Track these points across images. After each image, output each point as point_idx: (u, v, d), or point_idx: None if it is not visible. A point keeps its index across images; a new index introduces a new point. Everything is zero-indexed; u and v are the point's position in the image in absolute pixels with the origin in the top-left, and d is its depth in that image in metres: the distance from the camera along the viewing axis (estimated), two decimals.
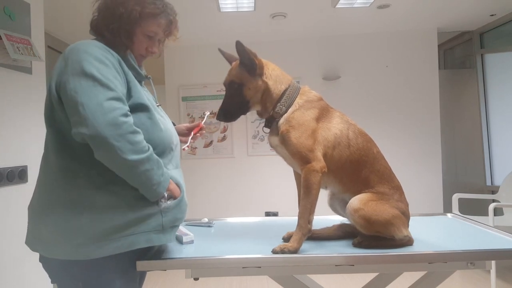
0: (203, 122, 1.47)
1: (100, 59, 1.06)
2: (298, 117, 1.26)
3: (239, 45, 1.24)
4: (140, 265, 1.14)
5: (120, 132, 0.99)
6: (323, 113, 1.30)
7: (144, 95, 1.18)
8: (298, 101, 1.29)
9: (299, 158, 1.24)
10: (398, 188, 1.32)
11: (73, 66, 1.04)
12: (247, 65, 1.27)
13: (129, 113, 1.05)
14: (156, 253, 1.20)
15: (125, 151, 1.00)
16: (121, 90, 1.06)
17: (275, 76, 1.30)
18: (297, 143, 1.23)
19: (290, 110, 1.28)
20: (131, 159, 1.02)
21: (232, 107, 1.30)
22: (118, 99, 1.02)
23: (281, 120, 1.28)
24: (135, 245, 1.08)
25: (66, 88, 1.03)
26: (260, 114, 1.35)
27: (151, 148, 1.08)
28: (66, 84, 1.03)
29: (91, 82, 1.01)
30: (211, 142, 4.26)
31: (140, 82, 1.23)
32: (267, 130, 1.34)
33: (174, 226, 1.17)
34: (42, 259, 1.14)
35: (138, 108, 1.12)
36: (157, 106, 1.28)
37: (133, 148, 1.02)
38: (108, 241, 1.05)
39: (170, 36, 1.28)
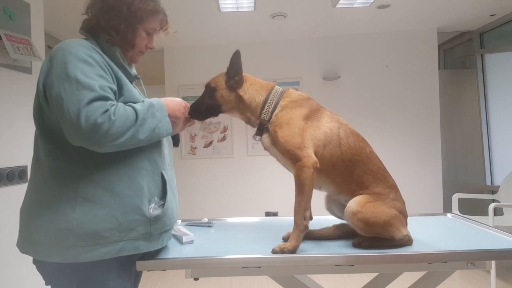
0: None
1: (84, 59, 1.05)
2: (282, 116, 1.29)
3: (236, 55, 1.29)
4: (140, 265, 1.14)
5: (105, 130, 0.99)
6: (312, 112, 1.31)
7: (137, 93, 1.19)
8: (281, 103, 1.32)
9: (289, 157, 1.24)
10: (393, 187, 1.32)
11: (58, 68, 1.04)
12: (230, 76, 1.31)
13: (109, 106, 1.02)
14: (155, 253, 1.20)
15: (119, 137, 1.02)
16: (107, 85, 1.06)
17: (252, 90, 1.34)
18: (284, 141, 1.24)
19: (274, 113, 1.31)
20: (127, 136, 1.03)
21: (202, 106, 1.34)
22: (99, 98, 1.01)
23: (269, 124, 1.31)
24: (124, 252, 1.09)
25: (51, 92, 1.03)
26: (248, 123, 1.38)
27: (134, 110, 1.07)
28: (51, 88, 1.03)
29: (74, 86, 1.00)
30: (211, 142, 4.26)
31: (130, 82, 1.23)
32: (257, 137, 1.36)
33: (162, 232, 1.17)
34: (35, 262, 1.13)
35: None
36: None
37: (123, 130, 1.02)
38: (98, 245, 1.05)
39: (165, 31, 1.29)
